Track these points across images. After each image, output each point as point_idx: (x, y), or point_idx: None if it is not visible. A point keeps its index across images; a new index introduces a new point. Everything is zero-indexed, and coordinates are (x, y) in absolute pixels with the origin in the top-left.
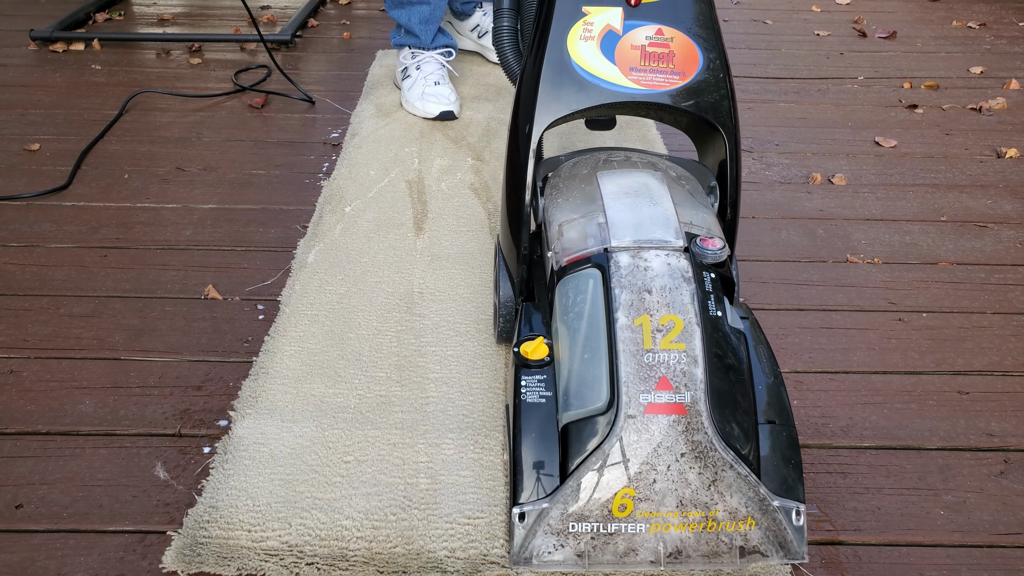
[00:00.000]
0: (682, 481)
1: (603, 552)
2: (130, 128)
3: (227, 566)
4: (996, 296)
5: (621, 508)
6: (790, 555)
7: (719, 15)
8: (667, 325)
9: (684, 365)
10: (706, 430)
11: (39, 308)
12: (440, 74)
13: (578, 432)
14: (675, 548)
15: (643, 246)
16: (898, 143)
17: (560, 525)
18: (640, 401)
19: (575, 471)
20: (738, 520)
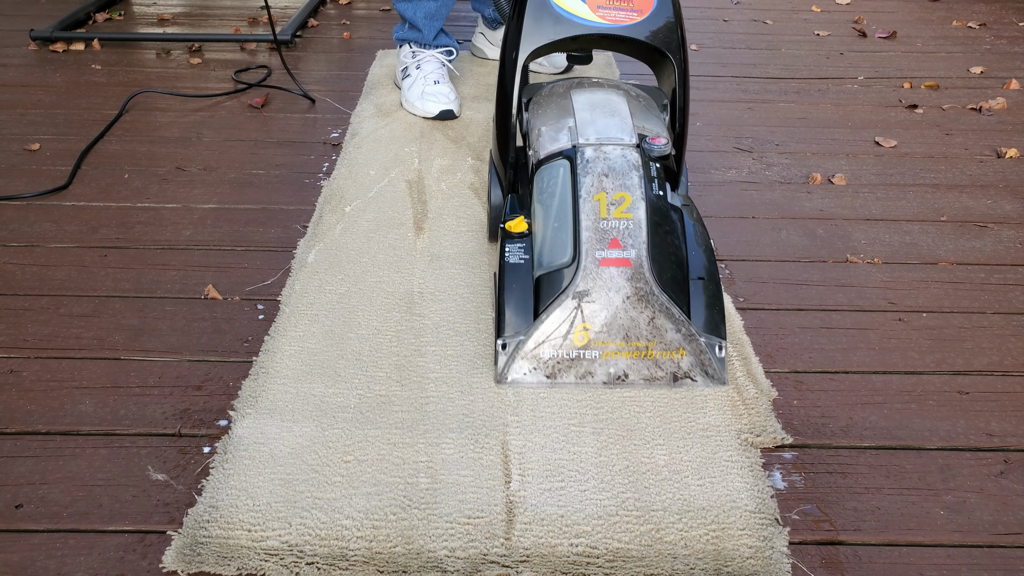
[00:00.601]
0: (627, 318)
1: (566, 374)
2: (130, 128)
3: (227, 566)
4: (996, 296)
5: (580, 339)
6: (714, 381)
7: (719, 15)
8: (619, 200)
9: (630, 229)
10: (647, 278)
11: (39, 308)
12: (440, 73)
13: (548, 282)
14: (622, 372)
15: (604, 143)
16: (898, 143)
17: (533, 352)
18: (596, 256)
19: (544, 311)
20: (671, 351)
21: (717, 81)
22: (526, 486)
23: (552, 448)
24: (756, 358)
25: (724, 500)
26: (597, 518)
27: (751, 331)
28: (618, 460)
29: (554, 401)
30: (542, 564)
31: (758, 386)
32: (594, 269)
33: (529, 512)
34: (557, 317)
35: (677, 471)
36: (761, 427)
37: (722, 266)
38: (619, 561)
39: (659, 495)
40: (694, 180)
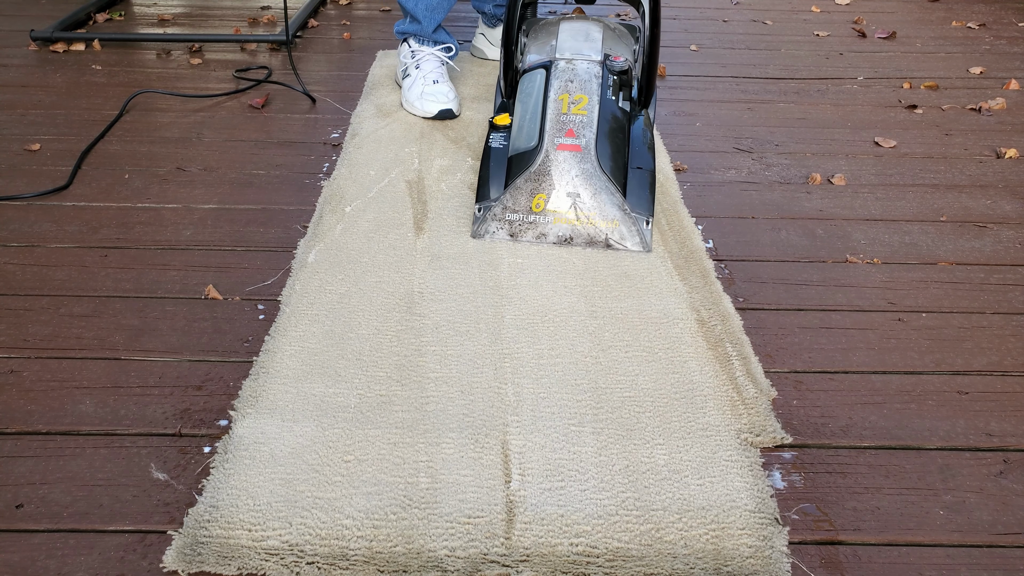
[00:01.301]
0: (575, 192)
1: (526, 234)
2: (130, 128)
3: (227, 565)
4: (996, 296)
5: (537, 206)
6: (641, 247)
7: (719, 15)
8: (578, 100)
9: (584, 122)
10: (592, 161)
11: (39, 308)
12: (439, 72)
13: (518, 161)
14: (568, 235)
15: (575, 58)
16: (898, 143)
17: (501, 215)
18: (554, 142)
19: (512, 183)
20: (608, 220)
21: (717, 81)
22: (526, 486)
23: (552, 448)
24: (756, 358)
25: (724, 500)
26: (597, 518)
27: (751, 331)
28: (618, 460)
29: (554, 401)
30: (542, 564)
31: (758, 386)
32: (552, 151)
33: (529, 512)
34: (521, 187)
35: (677, 471)
36: (761, 427)
37: (722, 266)
38: (619, 561)
39: (659, 495)
40: (694, 180)
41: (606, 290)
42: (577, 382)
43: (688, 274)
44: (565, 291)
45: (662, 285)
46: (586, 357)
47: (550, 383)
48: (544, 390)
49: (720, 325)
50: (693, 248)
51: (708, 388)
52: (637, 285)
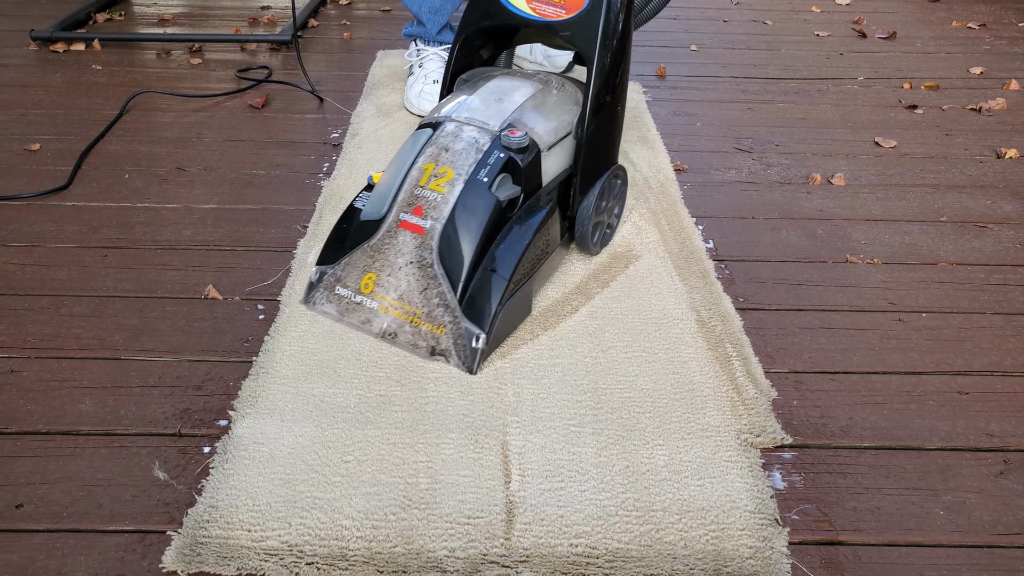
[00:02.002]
0: (405, 280)
1: (351, 316)
2: (130, 128)
3: (227, 566)
4: (996, 296)
5: (366, 286)
6: (465, 366)
7: (719, 15)
8: (442, 174)
9: (437, 202)
10: (432, 250)
11: (39, 308)
12: (440, 73)
13: (360, 229)
14: (392, 330)
15: (468, 122)
16: (898, 143)
17: (332, 287)
18: (399, 217)
19: (348, 254)
20: (434, 325)
21: (717, 81)
22: (526, 486)
23: (552, 448)
24: (756, 358)
25: (724, 500)
26: (597, 518)
27: (751, 331)
28: (618, 460)
29: (554, 401)
30: (542, 564)
31: (758, 386)
32: (394, 227)
33: (529, 512)
34: (354, 261)
35: (677, 471)
36: (761, 427)
37: (722, 266)
38: (619, 561)
39: (659, 495)
40: (694, 180)
41: (606, 290)
42: (577, 382)
43: (688, 274)
44: (565, 291)
45: (662, 285)
46: (586, 357)
47: (550, 383)
48: (544, 390)
49: (720, 325)
50: (693, 248)
51: (708, 389)
52: (637, 285)
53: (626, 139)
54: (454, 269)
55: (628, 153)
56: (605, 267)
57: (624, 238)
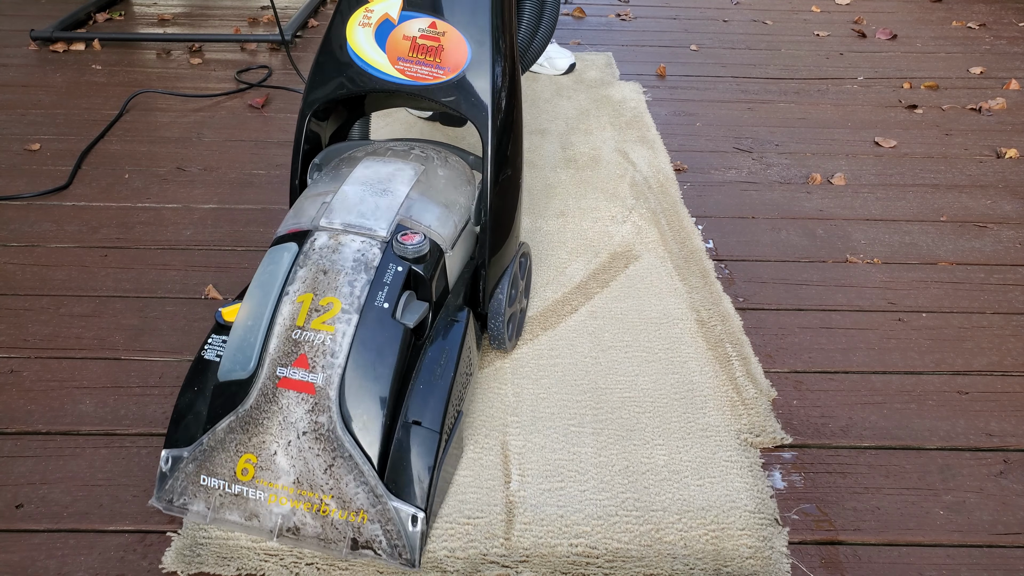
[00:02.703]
0: (300, 459)
1: (230, 511)
2: (130, 128)
3: (227, 566)
4: (996, 296)
5: (244, 472)
6: (402, 559)
7: (719, 15)
8: (326, 306)
9: (327, 346)
10: (331, 413)
11: (39, 308)
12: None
13: (223, 393)
14: (293, 524)
15: (348, 230)
16: (898, 143)
17: (195, 476)
18: (276, 374)
19: (211, 430)
20: (351, 511)
21: (717, 81)
22: (526, 486)
23: (552, 448)
24: (756, 358)
25: (724, 500)
26: (596, 518)
27: (751, 331)
28: (617, 460)
29: (554, 401)
30: (542, 564)
31: (758, 386)
32: (271, 388)
33: (529, 512)
34: (221, 440)
35: (677, 471)
36: (761, 427)
37: (722, 266)
38: (619, 561)
39: (659, 495)
40: (694, 180)
41: (606, 290)
42: (577, 382)
43: (688, 274)
44: (565, 291)
45: (662, 285)
46: (586, 357)
47: (550, 383)
48: (544, 390)
49: (720, 325)
50: (693, 248)
51: (708, 388)
52: (637, 285)
53: (626, 139)
54: (365, 432)
55: (628, 153)
56: (605, 267)
57: (624, 238)
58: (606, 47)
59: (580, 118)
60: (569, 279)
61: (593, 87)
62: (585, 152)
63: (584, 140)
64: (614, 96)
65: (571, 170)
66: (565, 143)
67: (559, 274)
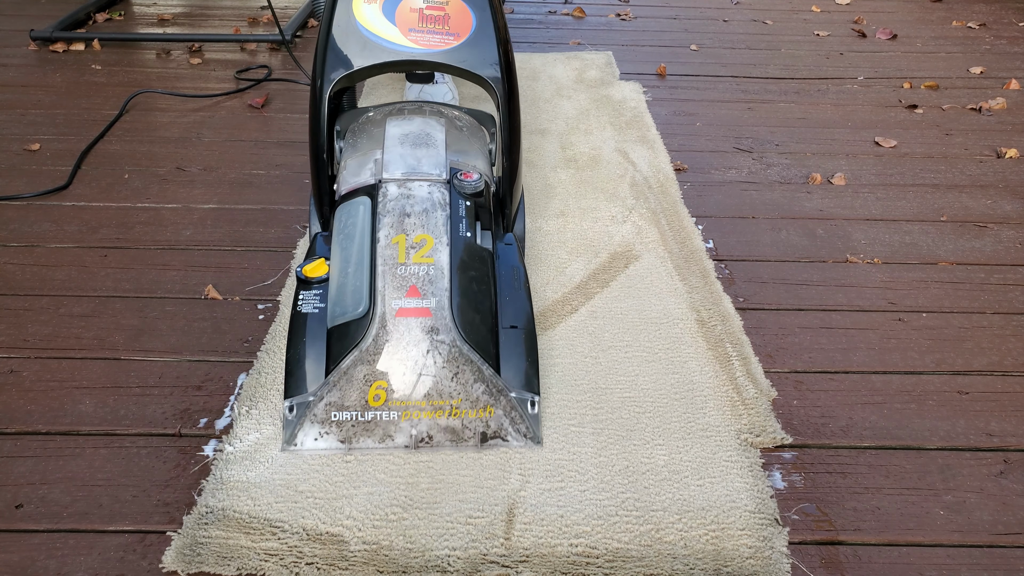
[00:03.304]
0: (428, 375)
1: (363, 438)
2: (130, 128)
3: (227, 566)
4: (996, 296)
5: (376, 398)
6: (528, 440)
7: (719, 15)
8: (420, 243)
9: (432, 275)
10: (449, 330)
11: (39, 308)
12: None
13: (340, 335)
14: (425, 434)
15: (411, 178)
16: (898, 143)
17: (324, 415)
18: (392, 307)
19: (335, 368)
20: (479, 408)
21: (717, 81)
22: (526, 486)
23: (552, 448)
24: (756, 358)
25: (724, 500)
26: (597, 518)
27: (751, 331)
28: (618, 460)
29: (554, 401)
30: (542, 564)
31: (758, 386)
32: (390, 321)
33: (529, 512)
34: (350, 374)
35: (677, 471)
36: (761, 427)
37: (722, 266)
38: (619, 561)
39: (659, 495)
40: (694, 180)
41: (606, 290)
42: (577, 382)
43: (688, 274)
44: (565, 291)
45: (662, 285)
46: (586, 357)
47: (550, 383)
48: (544, 390)
49: (720, 325)
50: (693, 248)
51: (708, 388)
52: (637, 285)
53: (626, 139)
54: (481, 339)
55: (628, 153)
56: (605, 267)
57: (624, 238)
58: (606, 47)
59: (580, 118)
60: (569, 279)
61: (593, 87)
62: (585, 152)
63: (584, 140)
64: (614, 96)
65: (571, 170)
66: (565, 143)
67: (559, 274)
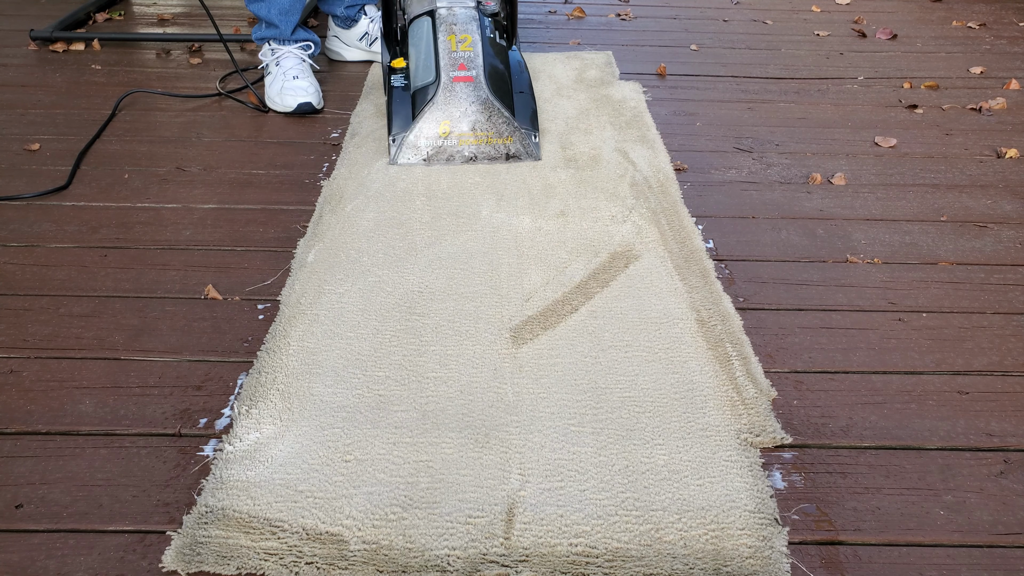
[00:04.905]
0: (473, 115)
1: (437, 158)
2: (130, 128)
3: (227, 565)
4: (996, 296)
5: (444, 132)
6: (533, 157)
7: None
8: (464, 39)
9: (472, 57)
10: (484, 89)
11: (39, 308)
12: (299, 68)
13: (421, 95)
14: (473, 154)
15: (453, 5)
16: (898, 143)
17: (415, 142)
18: (450, 75)
19: (419, 114)
20: (504, 138)
21: (717, 81)
22: (526, 486)
23: (552, 448)
24: (756, 358)
25: (723, 500)
26: (596, 518)
27: (751, 331)
28: (617, 460)
29: (554, 401)
30: (541, 564)
31: (758, 386)
32: (449, 84)
33: (529, 512)
34: (428, 117)
35: (676, 471)
36: (761, 427)
37: (722, 266)
38: (618, 561)
39: (658, 495)
40: (694, 180)
41: (606, 290)
42: (577, 382)
43: (688, 274)
44: (565, 291)
45: (662, 285)
46: (586, 357)
47: (550, 383)
48: (544, 390)
49: (720, 325)
50: (693, 248)
51: (708, 388)
52: (637, 285)
53: (626, 139)
54: (503, 97)
55: (628, 153)
56: (605, 267)
57: (624, 238)
58: (606, 47)
59: (580, 118)
60: (569, 279)
61: (593, 87)
62: (585, 152)
63: (584, 140)
64: (614, 96)
65: (571, 170)
66: (565, 143)
67: (559, 274)
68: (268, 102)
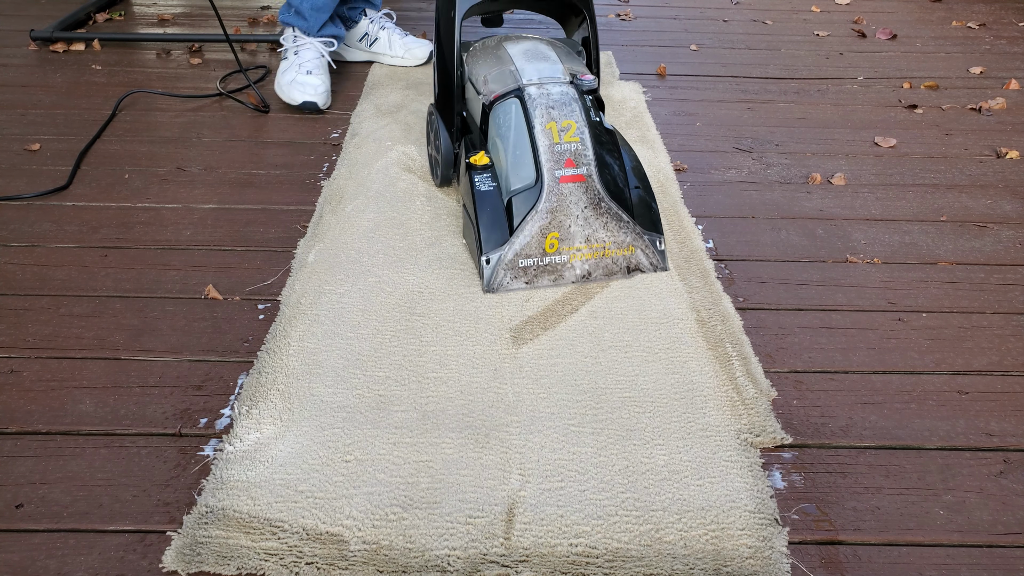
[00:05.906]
0: (586, 225)
1: (542, 278)
2: (130, 128)
3: (227, 565)
4: (996, 296)
5: (551, 247)
6: (659, 268)
7: (719, 15)
8: (567, 127)
9: (580, 150)
10: (598, 190)
11: (39, 308)
12: (315, 63)
13: (519, 201)
14: (586, 271)
15: (545, 81)
16: (898, 143)
17: (513, 262)
18: (555, 175)
19: (519, 227)
20: (623, 248)
21: (717, 81)
22: (526, 486)
23: (552, 448)
24: (756, 358)
25: (723, 500)
26: (596, 518)
27: (751, 331)
28: (617, 460)
29: (554, 401)
30: (541, 564)
31: (758, 386)
32: (555, 186)
33: (529, 512)
34: (530, 230)
35: (676, 471)
36: (761, 427)
37: (722, 266)
38: (618, 561)
39: (658, 495)
40: (694, 180)
41: (606, 290)
42: (577, 382)
43: (688, 274)
44: (565, 291)
45: (662, 285)
46: (586, 357)
47: (550, 383)
48: (544, 390)
49: (720, 325)
50: (693, 248)
51: (708, 388)
52: (637, 285)
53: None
54: (618, 196)
55: None
56: None
57: None
58: (606, 47)
59: None
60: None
61: None
62: None
63: None
64: (614, 96)
65: None
66: None
67: None
68: (276, 88)
